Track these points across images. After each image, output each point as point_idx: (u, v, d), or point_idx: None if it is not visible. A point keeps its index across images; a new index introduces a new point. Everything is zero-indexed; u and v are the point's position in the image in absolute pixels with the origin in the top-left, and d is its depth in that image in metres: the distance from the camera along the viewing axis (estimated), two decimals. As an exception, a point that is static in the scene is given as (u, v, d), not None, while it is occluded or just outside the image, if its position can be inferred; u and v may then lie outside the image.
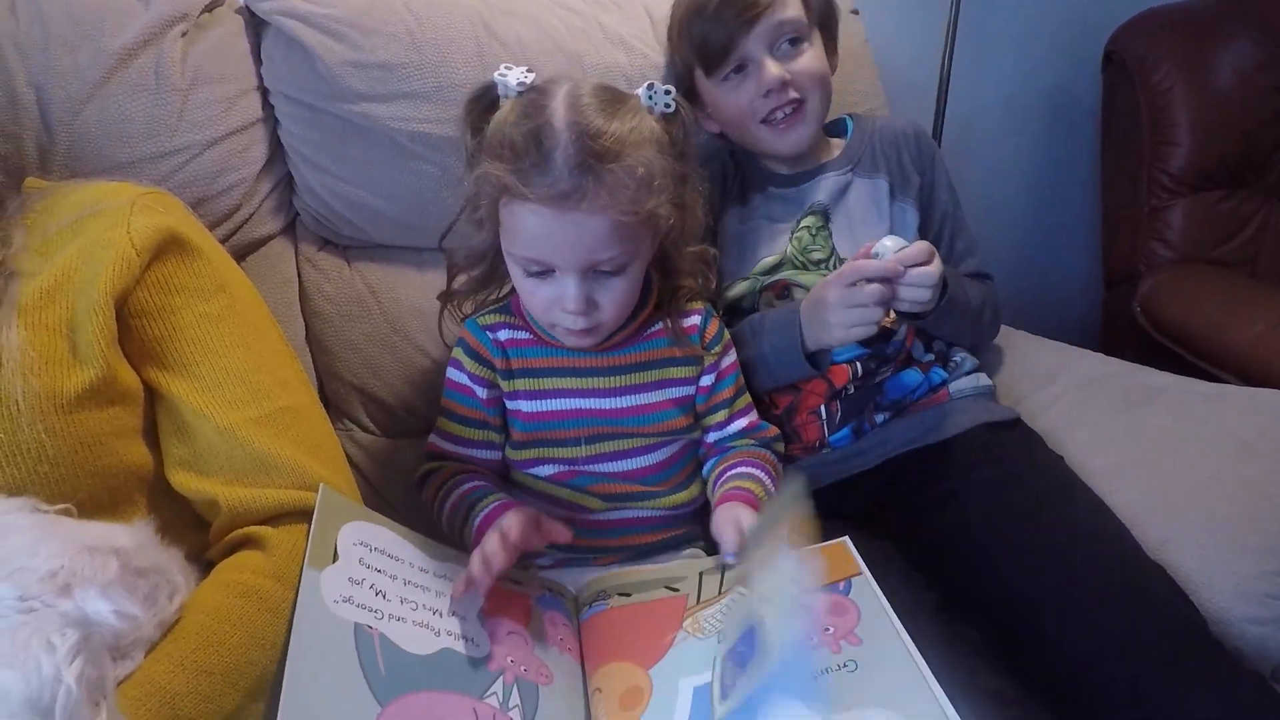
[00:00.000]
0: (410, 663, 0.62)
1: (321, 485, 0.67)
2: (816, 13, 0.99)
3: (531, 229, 0.73)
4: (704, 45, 0.97)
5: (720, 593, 0.76)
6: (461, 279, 0.87)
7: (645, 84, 0.78)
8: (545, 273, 0.76)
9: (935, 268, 0.83)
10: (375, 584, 0.65)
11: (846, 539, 0.76)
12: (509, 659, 0.67)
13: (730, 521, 0.77)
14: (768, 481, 0.85)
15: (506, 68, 0.77)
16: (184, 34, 0.96)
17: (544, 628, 0.73)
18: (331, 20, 0.98)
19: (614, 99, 0.75)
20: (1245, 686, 0.71)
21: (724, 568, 0.77)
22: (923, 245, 0.84)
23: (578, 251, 0.74)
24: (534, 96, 0.75)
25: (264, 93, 1.01)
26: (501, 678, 0.65)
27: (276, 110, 1.02)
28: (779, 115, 0.98)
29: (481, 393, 0.84)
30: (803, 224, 1.01)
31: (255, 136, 1.01)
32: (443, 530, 0.82)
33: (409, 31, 1.00)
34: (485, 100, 0.79)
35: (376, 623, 0.62)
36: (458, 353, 0.86)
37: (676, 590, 0.77)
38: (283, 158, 1.04)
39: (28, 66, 0.87)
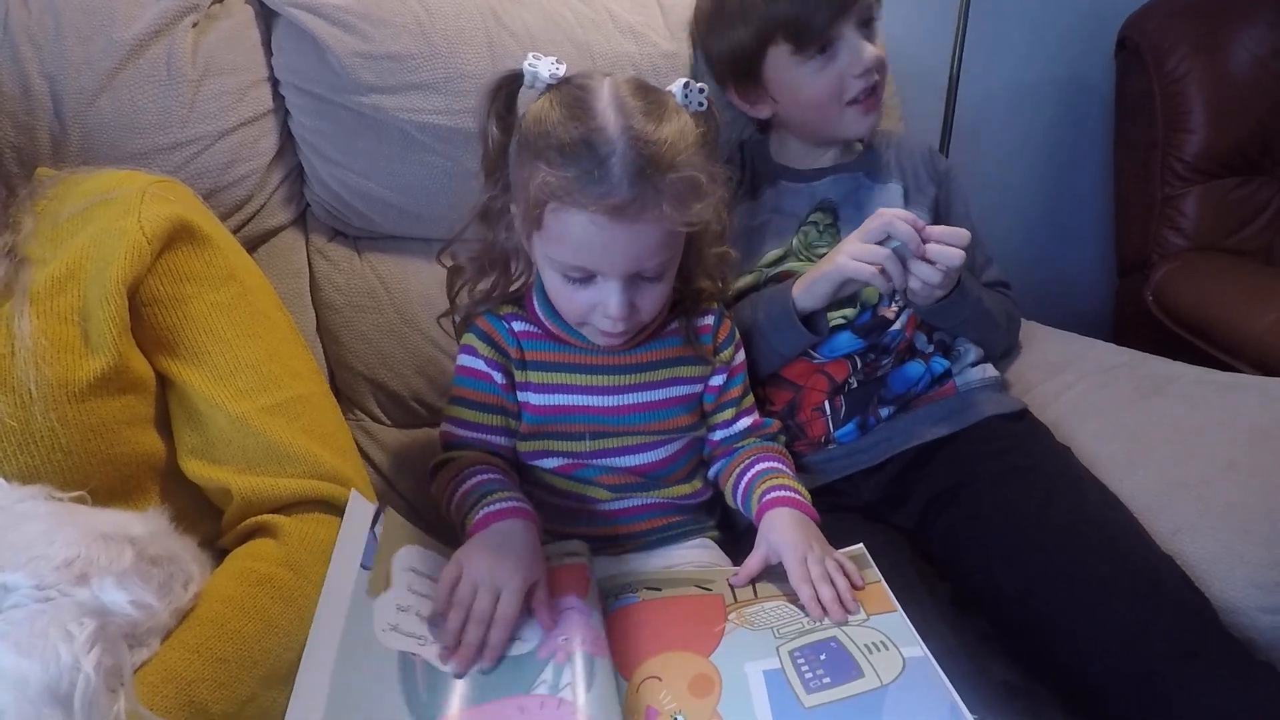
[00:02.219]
0: (451, 683, 0.62)
1: (386, 508, 0.68)
2: None
3: (583, 237, 0.71)
4: (797, 23, 0.93)
5: (757, 596, 0.76)
6: (477, 292, 0.84)
7: (680, 82, 0.76)
8: (586, 279, 0.75)
9: (959, 254, 0.82)
10: (420, 610, 0.67)
11: (882, 581, 0.76)
12: (561, 638, 0.67)
13: (761, 554, 0.77)
14: (791, 472, 0.86)
15: (535, 57, 0.74)
16: (195, 25, 0.96)
17: (597, 599, 0.73)
18: (341, 11, 0.98)
19: (657, 101, 0.73)
20: (1257, 677, 0.71)
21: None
22: (961, 231, 0.83)
23: (628, 260, 0.73)
24: (575, 93, 0.72)
25: (275, 84, 1.02)
26: (552, 661, 0.65)
27: (287, 101, 1.02)
28: (862, 96, 0.97)
29: (498, 378, 0.84)
30: (810, 219, 1.01)
31: (266, 128, 1.01)
32: (446, 519, 0.81)
33: (418, 22, 1.00)
34: (510, 89, 0.76)
35: (420, 648, 0.63)
36: (470, 339, 0.85)
37: (709, 590, 0.77)
38: (293, 149, 1.04)
39: (41, 58, 0.87)
